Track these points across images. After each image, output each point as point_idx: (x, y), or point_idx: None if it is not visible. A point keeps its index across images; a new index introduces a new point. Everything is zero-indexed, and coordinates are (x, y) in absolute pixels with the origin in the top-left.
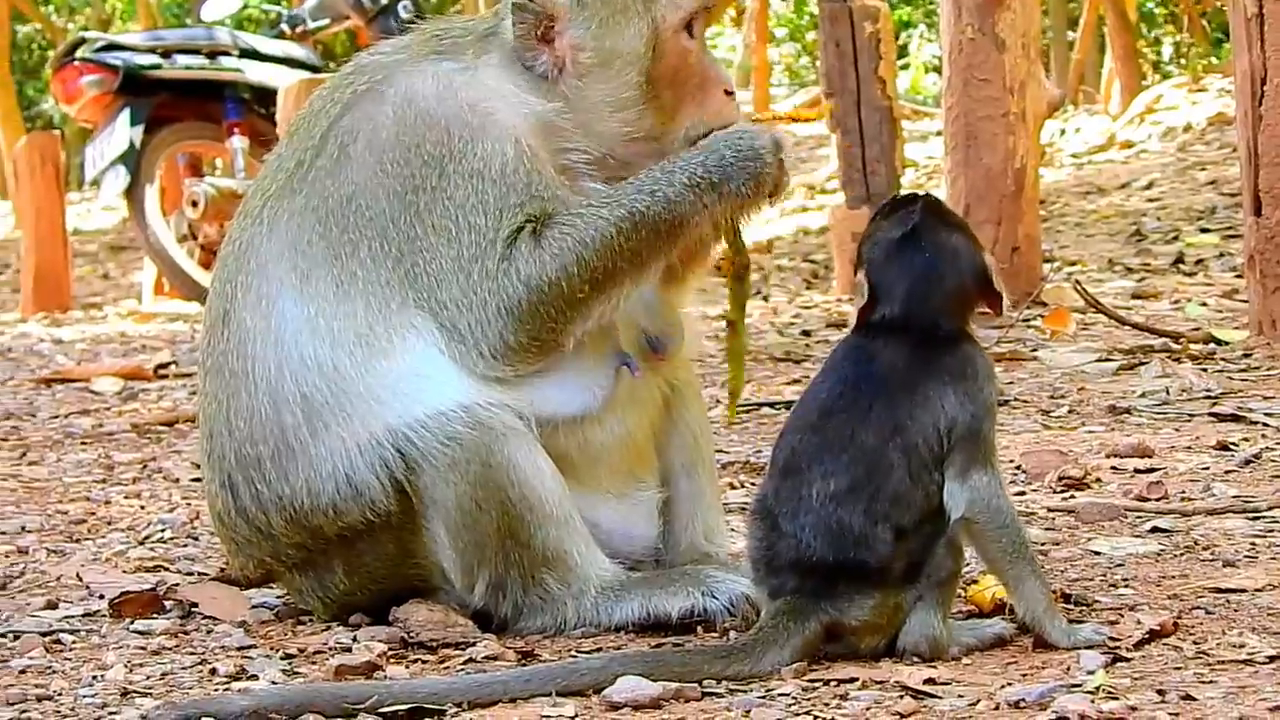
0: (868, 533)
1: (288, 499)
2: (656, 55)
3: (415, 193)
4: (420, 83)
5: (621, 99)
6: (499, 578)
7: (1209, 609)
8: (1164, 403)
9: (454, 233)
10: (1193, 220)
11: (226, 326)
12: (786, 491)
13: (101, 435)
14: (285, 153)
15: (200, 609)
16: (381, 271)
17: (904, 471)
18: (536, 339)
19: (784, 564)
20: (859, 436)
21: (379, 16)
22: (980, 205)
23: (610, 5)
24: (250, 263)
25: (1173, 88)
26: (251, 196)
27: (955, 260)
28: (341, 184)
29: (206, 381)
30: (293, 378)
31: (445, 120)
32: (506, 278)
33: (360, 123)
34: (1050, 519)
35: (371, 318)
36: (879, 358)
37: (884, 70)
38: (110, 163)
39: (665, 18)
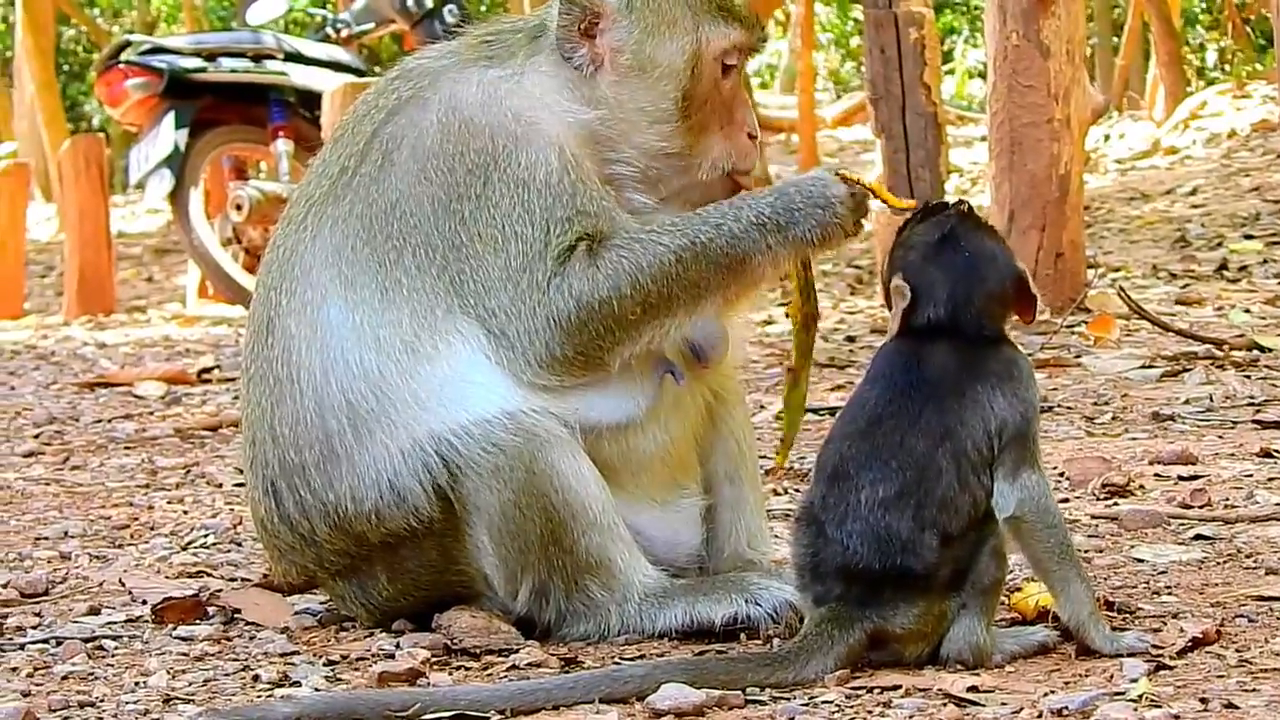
0: (915, 539)
1: (331, 505)
2: (695, 75)
3: (459, 200)
4: (465, 90)
5: (659, 109)
6: (542, 584)
7: (1252, 617)
8: (1207, 410)
9: (500, 241)
10: (1237, 226)
11: (271, 333)
12: (834, 498)
13: (145, 440)
14: (330, 158)
15: (243, 615)
16: (426, 278)
17: (953, 477)
18: (582, 354)
19: (830, 571)
20: (908, 442)
21: (424, 20)
22: (1024, 211)
23: (658, 14)
24: (294, 269)
25: (1217, 94)
26: (295, 203)
27: (994, 263)
28: (386, 191)
29: (250, 388)
30: (338, 384)
31: (490, 128)
32: (558, 291)
33: (405, 129)
34: (1093, 526)
35: (416, 324)
36: (925, 363)
37: (929, 76)
38: (155, 166)
39: (709, 41)
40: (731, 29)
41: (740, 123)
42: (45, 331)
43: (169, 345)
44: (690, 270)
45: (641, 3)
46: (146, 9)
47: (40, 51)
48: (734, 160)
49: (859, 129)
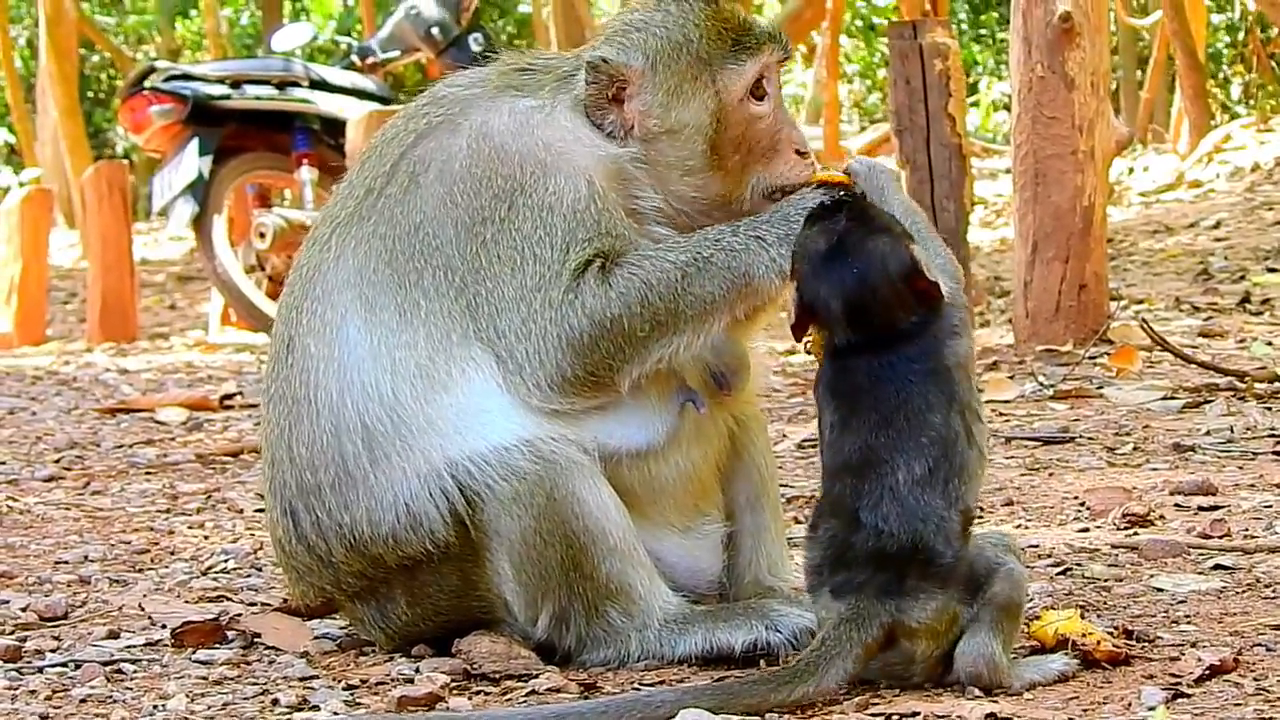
0: (945, 516)
1: (348, 527)
2: (721, 125)
3: (483, 224)
4: (496, 117)
5: (689, 165)
6: (562, 610)
7: (1270, 646)
8: (1228, 441)
9: (518, 263)
10: (1260, 260)
11: (291, 353)
12: (869, 484)
13: (166, 465)
14: (356, 179)
15: (263, 639)
16: (444, 302)
17: (964, 435)
18: (593, 374)
19: (859, 557)
20: (930, 419)
21: (449, 49)
22: (1048, 243)
23: (678, 75)
24: (316, 289)
25: (1241, 128)
26: (320, 223)
27: (883, 266)
28: (410, 212)
29: (270, 408)
30: (354, 406)
31: (519, 155)
32: (570, 309)
33: (433, 153)
34: (1113, 555)
35: (432, 349)
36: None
37: (953, 107)
38: (178, 193)
39: (728, 88)
40: (747, 62)
41: (786, 141)
42: (67, 357)
43: (191, 371)
44: (695, 285)
45: (663, 65)
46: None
47: (64, 77)
48: (784, 180)
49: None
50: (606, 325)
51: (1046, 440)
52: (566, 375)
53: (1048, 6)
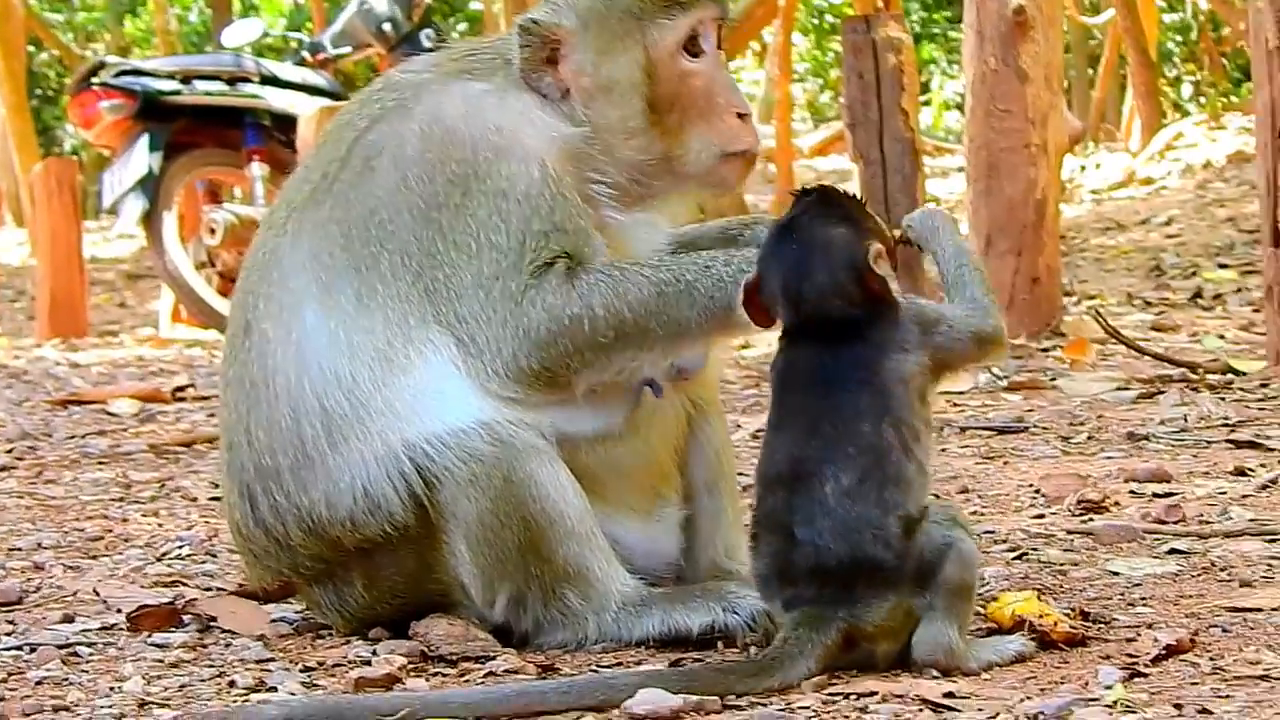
0: (882, 524)
1: (306, 510)
2: (653, 81)
3: (438, 210)
4: (448, 101)
5: (630, 127)
6: (520, 593)
7: (1226, 627)
8: (1182, 430)
9: (474, 249)
10: (1211, 256)
11: (248, 336)
12: (799, 499)
13: (118, 455)
14: (312, 165)
15: (218, 623)
16: (401, 286)
17: (900, 449)
18: (549, 370)
19: (801, 573)
20: (857, 427)
21: (401, 44)
22: (1001, 236)
23: (608, 31)
24: (273, 273)
25: (1193, 125)
26: (277, 207)
27: (830, 249)
28: (365, 198)
29: (227, 392)
30: (312, 390)
31: (471, 139)
32: (530, 303)
33: (386, 138)
34: (1069, 541)
35: (390, 333)
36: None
37: (907, 102)
38: (128, 189)
39: (658, 42)
40: (679, 17)
41: (724, 106)
42: (18, 352)
43: (142, 365)
44: (672, 306)
45: (595, 22)
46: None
47: (11, 75)
48: (724, 144)
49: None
50: (565, 323)
51: (1001, 430)
52: (522, 366)
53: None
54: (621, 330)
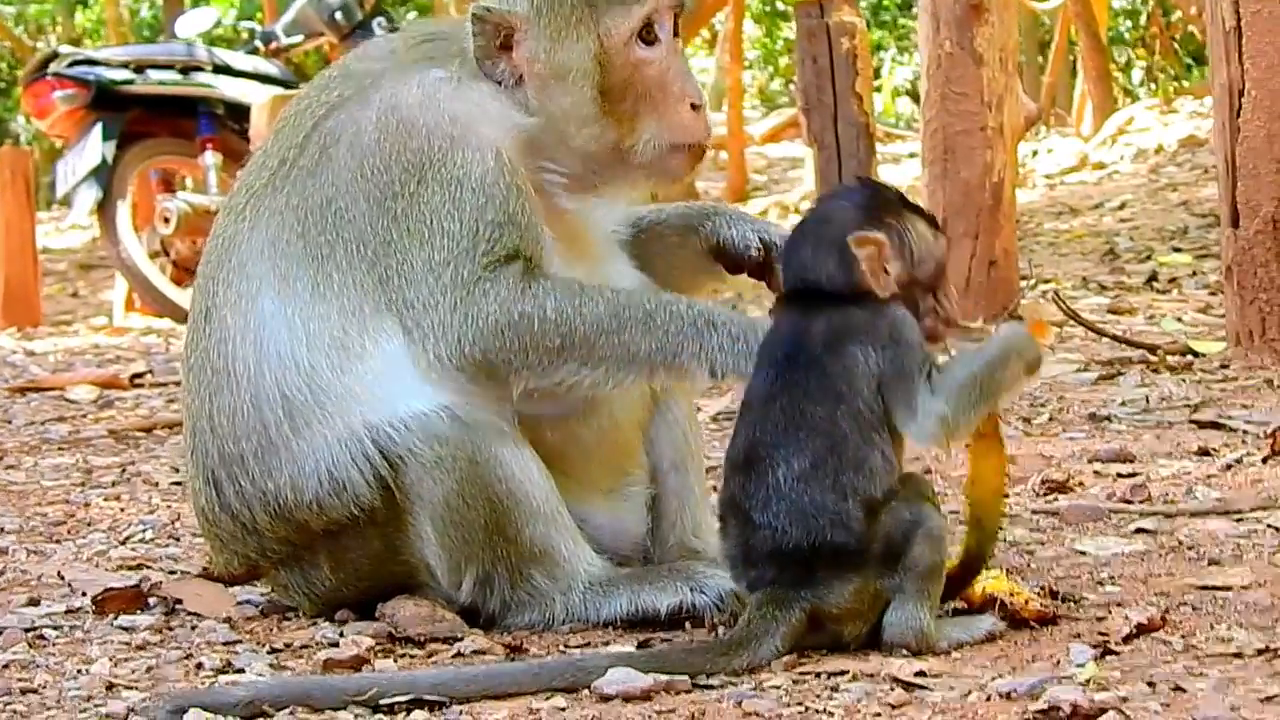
0: (840, 510)
1: (271, 495)
2: (606, 69)
3: (393, 199)
4: (405, 90)
5: (582, 114)
6: (486, 574)
7: (1195, 605)
8: (1144, 411)
9: (427, 235)
10: (1165, 240)
11: (209, 323)
12: (754, 484)
13: (79, 441)
14: (270, 150)
15: (184, 605)
16: (356, 274)
17: (858, 436)
18: (490, 362)
19: (761, 556)
20: (809, 411)
21: (353, 33)
22: (957, 219)
23: (561, 18)
24: (232, 259)
25: (1144, 109)
26: (236, 192)
27: (826, 225)
28: (322, 185)
29: (189, 378)
30: (272, 377)
31: (427, 128)
32: (482, 293)
33: (344, 125)
34: (1034, 520)
35: (345, 321)
36: (801, 332)
37: (860, 86)
38: (82, 178)
39: (612, 30)
40: (634, 5)
41: (677, 96)
42: None
43: (99, 353)
44: (624, 331)
45: (547, 9)
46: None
47: None
48: (674, 135)
49: (787, 145)
50: (514, 317)
51: None
52: (465, 352)
53: None
54: (569, 340)
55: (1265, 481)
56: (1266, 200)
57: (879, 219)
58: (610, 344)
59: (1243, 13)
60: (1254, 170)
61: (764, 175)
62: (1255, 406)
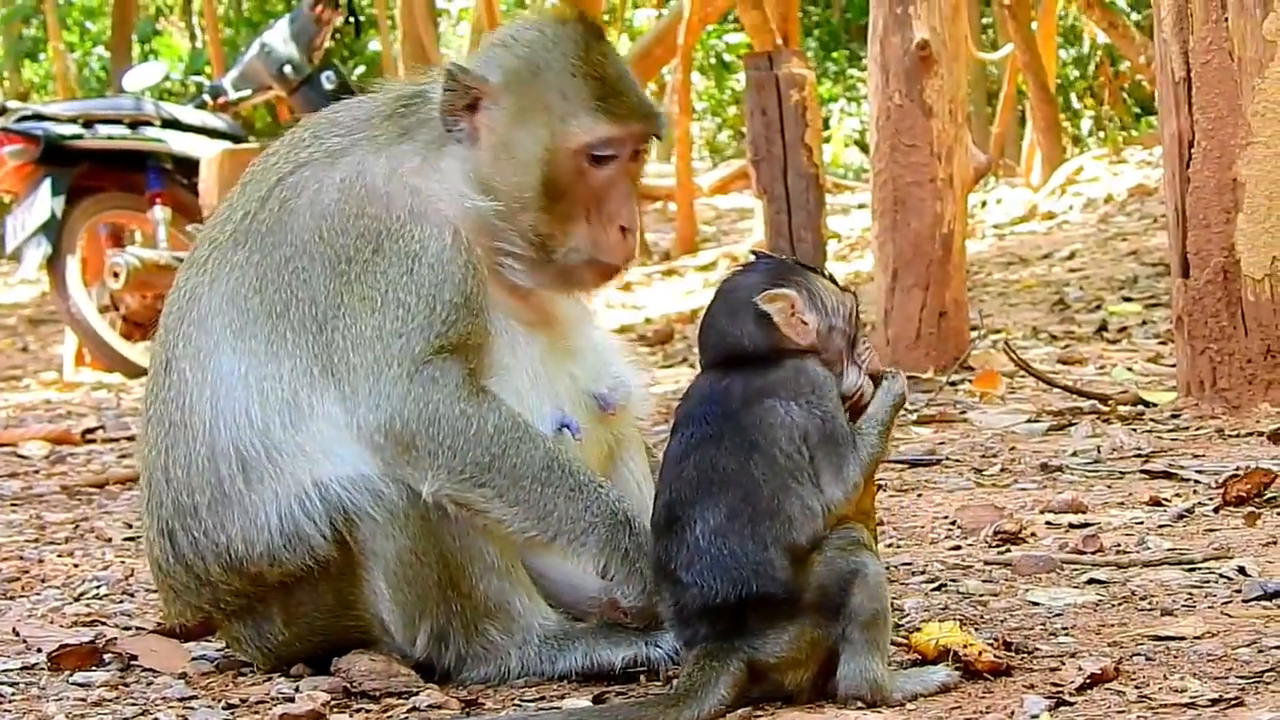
0: (761, 560)
1: (223, 547)
2: (551, 165)
3: (348, 263)
4: (373, 158)
5: (524, 197)
6: (441, 629)
7: (1149, 655)
8: (1095, 461)
9: (379, 304)
10: (1115, 289)
11: (168, 375)
12: (675, 544)
13: (31, 497)
14: (235, 203)
15: (140, 661)
16: (307, 336)
17: (773, 485)
18: (415, 448)
19: (693, 614)
20: (720, 464)
21: (302, 86)
22: (908, 271)
23: (525, 100)
24: (192, 313)
25: (1093, 159)
26: (200, 244)
27: (730, 298)
28: (281, 243)
29: (148, 429)
30: (227, 432)
31: (388, 197)
32: (431, 379)
33: (307, 183)
34: (987, 571)
35: (296, 381)
36: (716, 390)
37: (810, 138)
38: (31, 233)
39: (568, 134)
40: (600, 125)
41: (611, 215)
42: None
43: (50, 408)
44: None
45: (517, 86)
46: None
47: None
48: (595, 251)
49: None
50: (454, 414)
51: (913, 463)
52: (394, 429)
53: (905, 34)
54: (499, 464)
55: (1218, 531)
56: (1217, 250)
57: (784, 279)
58: (532, 491)
59: (1192, 64)
60: (1204, 220)
61: (713, 226)
62: (1207, 456)
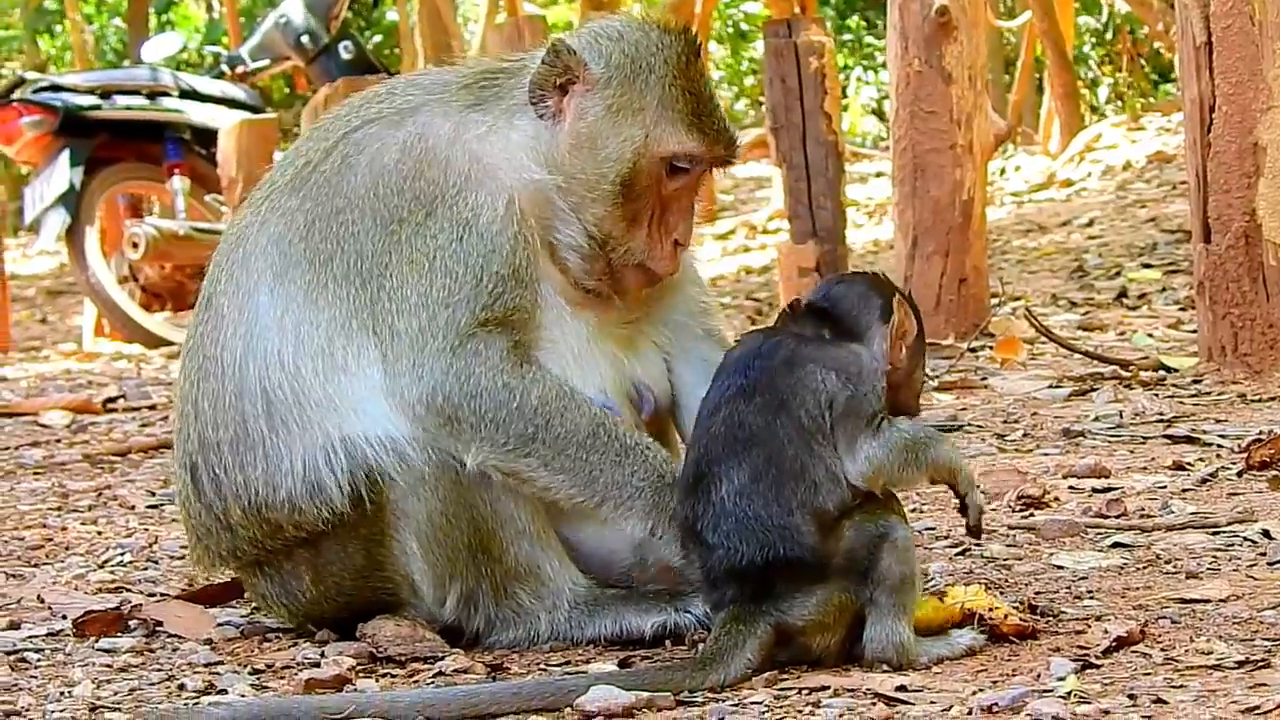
0: (786, 524)
1: (242, 487)
2: (635, 168)
3: (399, 224)
4: (440, 122)
5: (599, 191)
6: (470, 591)
7: (1175, 618)
8: (1118, 426)
9: (426, 269)
10: (1134, 256)
11: (208, 309)
12: (702, 504)
13: (54, 465)
14: (301, 148)
15: (165, 627)
16: (350, 289)
17: (798, 447)
18: (456, 420)
19: (720, 576)
20: (747, 421)
21: (319, 57)
22: (928, 237)
23: (624, 98)
24: (239, 250)
25: (1112, 126)
26: (261, 185)
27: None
28: (336, 194)
29: (185, 361)
30: (256, 371)
31: (447, 162)
32: (475, 351)
33: (370, 140)
34: (1011, 536)
35: (333, 331)
36: (766, 342)
37: (829, 105)
38: (50, 204)
39: (659, 141)
40: (690, 138)
41: (669, 227)
42: None
43: (70, 378)
44: (597, 452)
45: (617, 82)
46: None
47: None
48: (646, 258)
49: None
50: (498, 385)
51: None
52: (435, 403)
53: (924, 1)
54: (543, 434)
55: (1241, 495)
56: (1238, 215)
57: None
58: (578, 458)
59: (1214, 28)
60: (1225, 185)
61: (730, 195)
62: (1229, 421)
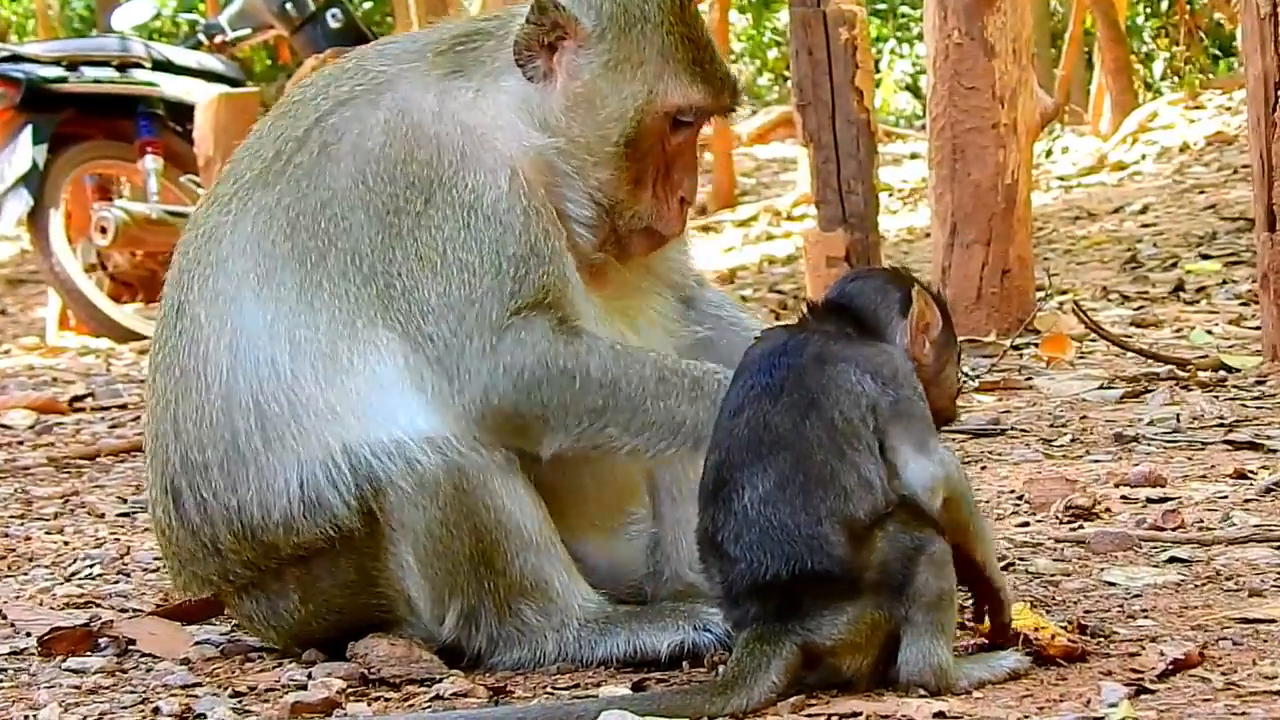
0: (815, 534)
1: (234, 511)
2: (640, 125)
3: (397, 214)
4: (420, 95)
5: (603, 154)
6: (472, 607)
7: (1236, 640)
8: (1174, 431)
9: (440, 265)
10: (1192, 246)
11: (180, 320)
12: (722, 513)
13: (16, 469)
14: (265, 137)
15: (138, 646)
16: (350, 286)
17: (829, 450)
18: (520, 416)
19: (742, 592)
20: (773, 422)
21: (305, 25)
22: (968, 224)
23: (621, 52)
24: (211, 254)
25: (1168, 105)
26: (223, 180)
27: (889, 273)
28: (318, 186)
29: (155, 377)
30: (247, 383)
31: (438, 140)
32: (516, 341)
33: (349, 124)
34: (1058, 550)
35: (335, 332)
36: (791, 339)
37: (861, 80)
38: (11, 185)
39: (665, 94)
40: (694, 89)
41: (676, 184)
42: None
43: (33, 375)
44: (672, 395)
45: (611, 35)
46: None
47: None
48: (654, 220)
49: (777, 146)
50: (554, 373)
51: (976, 433)
52: (493, 404)
53: None
54: (613, 401)
55: None
56: None
57: (940, 302)
58: (655, 410)
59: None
60: None
61: (752, 178)
62: None
